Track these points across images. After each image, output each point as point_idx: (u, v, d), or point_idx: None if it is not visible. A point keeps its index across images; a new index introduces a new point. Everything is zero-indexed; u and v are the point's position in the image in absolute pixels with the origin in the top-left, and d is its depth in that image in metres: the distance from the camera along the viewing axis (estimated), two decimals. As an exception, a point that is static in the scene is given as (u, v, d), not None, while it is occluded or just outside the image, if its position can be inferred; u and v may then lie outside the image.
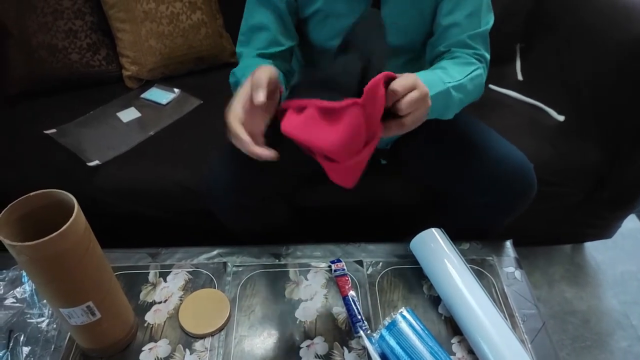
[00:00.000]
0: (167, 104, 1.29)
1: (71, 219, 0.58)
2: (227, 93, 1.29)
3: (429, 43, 0.89)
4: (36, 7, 1.25)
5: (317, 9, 0.85)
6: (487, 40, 0.87)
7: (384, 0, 0.81)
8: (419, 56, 0.94)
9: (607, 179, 1.15)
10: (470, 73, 0.82)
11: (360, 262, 0.89)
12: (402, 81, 0.62)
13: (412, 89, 0.63)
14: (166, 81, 1.37)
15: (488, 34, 0.87)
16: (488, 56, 0.88)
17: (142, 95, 1.32)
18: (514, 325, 0.79)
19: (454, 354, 0.75)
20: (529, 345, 0.76)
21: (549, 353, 0.76)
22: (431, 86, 0.71)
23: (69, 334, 0.78)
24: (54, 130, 1.19)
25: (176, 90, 1.32)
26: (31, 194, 0.62)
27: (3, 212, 0.60)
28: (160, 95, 1.31)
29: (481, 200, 0.91)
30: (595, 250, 1.44)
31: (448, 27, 0.84)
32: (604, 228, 1.31)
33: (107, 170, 1.10)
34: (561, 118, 1.19)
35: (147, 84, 1.36)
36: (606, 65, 1.12)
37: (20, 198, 0.62)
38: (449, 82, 0.77)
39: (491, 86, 1.31)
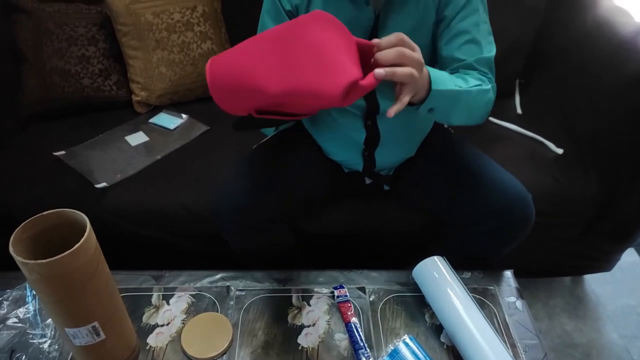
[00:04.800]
0: (175, 129, 1.32)
1: (84, 237, 0.59)
2: (233, 120, 1.33)
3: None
4: (52, 33, 1.29)
5: None
6: (493, 67, 0.88)
7: (381, 29, 0.84)
8: None
9: (606, 212, 1.16)
10: (478, 86, 0.83)
11: (362, 289, 0.90)
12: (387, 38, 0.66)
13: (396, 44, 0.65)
14: (174, 107, 1.40)
15: (493, 62, 0.88)
16: (494, 81, 0.88)
17: (151, 120, 1.35)
18: (515, 356, 0.79)
19: (456, 384, 0.75)
20: (531, 376, 0.76)
21: (551, 384, 0.76)
22: (442, 82, 0.74)
23: (71, 354, 0.78)
24: (63, 152, 1.21)
25: (184, 115, 1.36)
26: (44, 212, 0.64)
27: (16, 230, 0.61)
28: (168, 121, 1.34)
29: (480, 229, 0.93)
30: (594, 283, 1.44)
31: (448, 58, 0.86)
32: (603, 261, 1.31)
33: (114, 192, 1.12)
34: (560, 151, 1.22)
35: (155, 109, 1.40)
36: (603, 101, 1.15)
37: (34, 217, 0.63)
38: (459, 87, 0.78)
39: (491, 119, 1.34)
